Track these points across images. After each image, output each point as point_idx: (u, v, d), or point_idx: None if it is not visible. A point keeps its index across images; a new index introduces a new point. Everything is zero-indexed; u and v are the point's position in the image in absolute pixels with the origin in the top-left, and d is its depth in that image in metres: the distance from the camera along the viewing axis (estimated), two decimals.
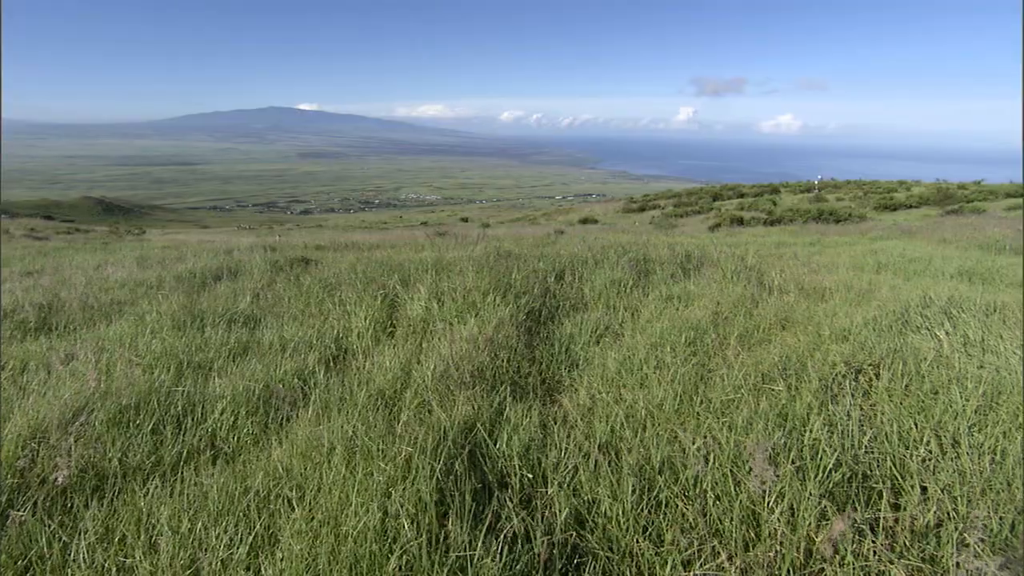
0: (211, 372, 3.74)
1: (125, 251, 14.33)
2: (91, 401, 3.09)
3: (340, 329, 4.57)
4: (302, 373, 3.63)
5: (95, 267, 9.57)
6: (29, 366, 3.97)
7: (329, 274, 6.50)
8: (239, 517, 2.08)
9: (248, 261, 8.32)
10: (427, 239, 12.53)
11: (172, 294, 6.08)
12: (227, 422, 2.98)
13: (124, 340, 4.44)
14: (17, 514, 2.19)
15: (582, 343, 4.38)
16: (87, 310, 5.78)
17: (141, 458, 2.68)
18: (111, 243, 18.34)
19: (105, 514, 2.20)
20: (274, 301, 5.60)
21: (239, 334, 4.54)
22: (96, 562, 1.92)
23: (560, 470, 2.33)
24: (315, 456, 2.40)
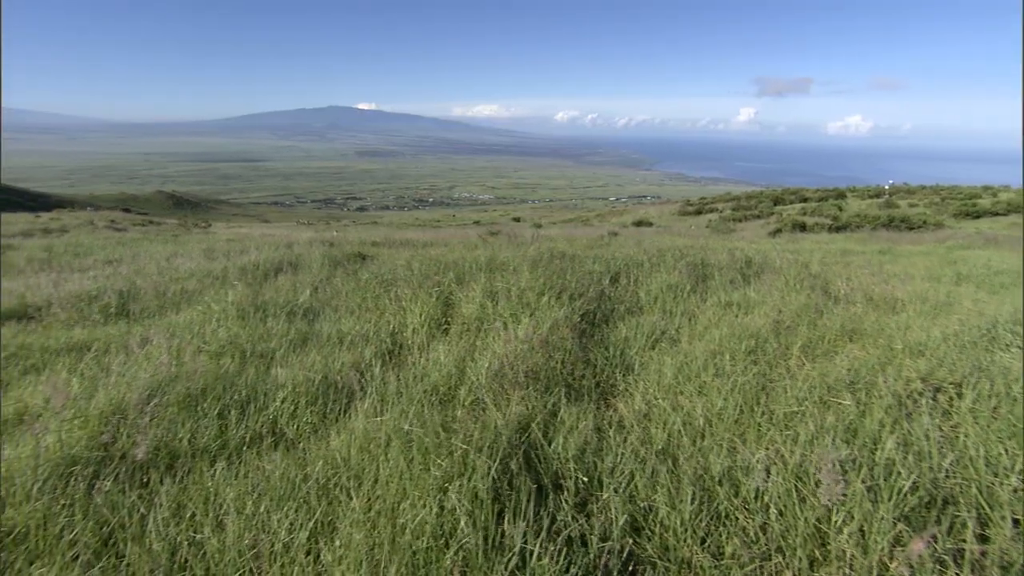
0: (272, 361, 3.90)
1: (193, 243, 15.12)
2: (164, 384, 3.27)
3: (396, 324, 4.67)
4: (359, 366, 3.73)
5: (166, 257, 10.14)
6: (111, 348, 4.24)
7: (385, 270, 6.65)
8: (300, 503, 2.16)
9: (307, 255, 8.62)
10: (480, 238, 12.64)
11: (237, 285, 6.36)
12: (288, 410, 3.10)
13: (193, 327, 4.68)
14: (102, 483, 2.35)
15: (637, 347, 4.32)
16: (160, 298, 6.13)
17: (208, 440, 2.82)
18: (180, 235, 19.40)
19: (177, 491, 2.33)
20: (332, 295, 5.78)
21: (299, 326, 4.71)
22: (169, 535, 2.04)
23: (616, 475, 2.30)
24: (372, 448, 2.45)
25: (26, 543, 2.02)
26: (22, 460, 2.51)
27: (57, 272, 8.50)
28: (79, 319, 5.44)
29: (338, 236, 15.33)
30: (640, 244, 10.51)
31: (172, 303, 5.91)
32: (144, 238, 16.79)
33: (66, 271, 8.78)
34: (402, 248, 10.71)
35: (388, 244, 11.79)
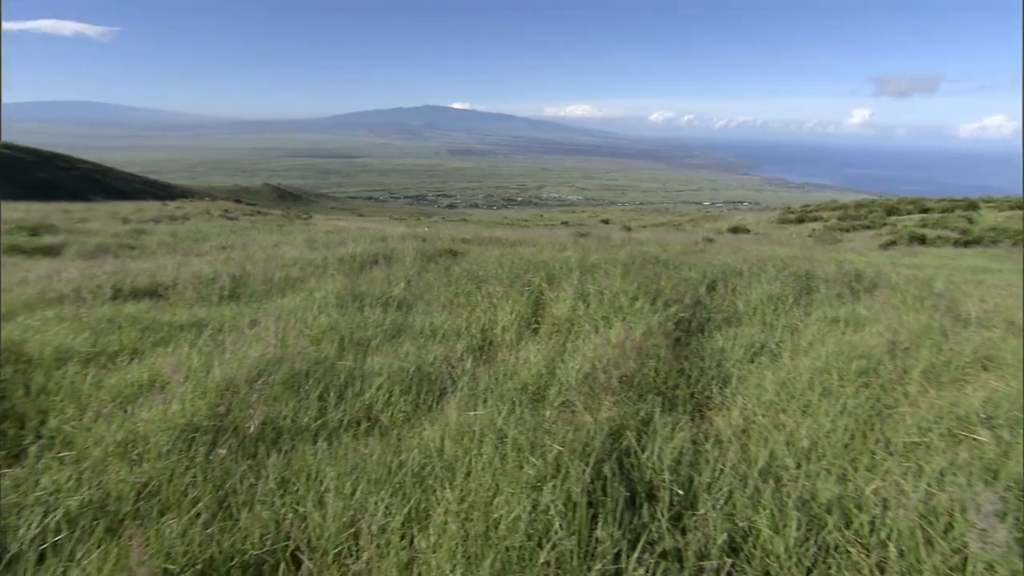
0: (368, 349, 4.08)
1: (295, 233, 16.17)
2: (271, 364, 3.51)
3: (486, 321, 4.75)
4: (450, 359, 3.83)
5: (272, 245, 10.90)
6: (224, 327, 4.62)
7: (476, 267, 6.78)
8: (395, 488, 2.24)
9: (401, 249, 8.96)
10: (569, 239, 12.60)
11: (336, 275, 6.72)
12: (383, 397, 3.23)
13: (296, 312, 5.00)
14: (218, 451, 2.57)
15: (735, 360, 4.13)
16: (267, 283, 6.60)
17: (309, 420, 2.99)
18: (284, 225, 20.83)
19: (282, 465, 2.50)
20: (425, 288, 5.97)
21: (393, 316, 4.90)
22: (275, 506, 2.18)
23: (713, 491, 2.21)
24: (466, 441, 2.51)
25: (158, 495, 2.24)
26: (153, 422, 2.78)
27: (181, 255, 9.38)
28: (198, 299, 5.96)
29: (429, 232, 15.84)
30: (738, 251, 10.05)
31: (277, 288, 6.34)
32: (253, 227, 18.17)
33: (188, 255, 9.67)
34: (491, 246, 10.88)
35: (478, 241, 12.02)
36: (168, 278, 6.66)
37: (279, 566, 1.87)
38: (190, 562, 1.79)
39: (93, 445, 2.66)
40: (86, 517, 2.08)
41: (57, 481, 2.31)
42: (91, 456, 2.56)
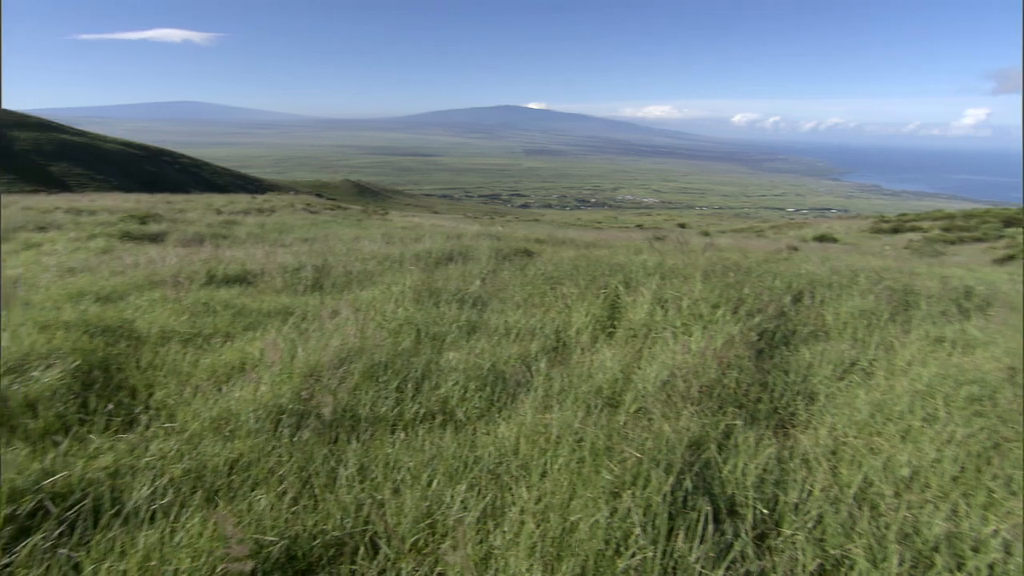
0: (444, 344, 4.17)
1: (373, 228, 16.77)
2: (351, 353, 3.66)
3: (560, 322, 4.74)
4: (525, 358, 3.84)
5: (352, 239, 11.36)
6: (308, 315, 4.86)
7: (551, 267, 6.78)
8: (471, 483, 2.28)
9: (475, 247, 9.10)
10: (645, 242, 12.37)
11: (413, 270, 6.91)
12: (457, 392, 3.29)
13: (375, 305, 5.18)
14: (302, 433, 2.70)
15: (822, 376, 3.91)
16: (347, 275, 6.88)
17: (386, 410, 3.09)
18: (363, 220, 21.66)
19: (361, 452, 2.59)
20: (500, 287, 6.03)
21: (468, 314, 4.98)
22: (354, 491, 2.27)
23: (801, 513, 2.10)
24: (542, 442, 2.51)
25: (248, 471, 2.39)
26: (244, 402, 2.97)
27: (268, 246, 9.96)
28: (284, 287, 6.30)
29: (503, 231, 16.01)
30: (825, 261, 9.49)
31: (357, 280, 6.60)
32: (333, 221, 19.01)
33: (274, 245, 10.25)
34: (565, 247, 10.86)
35: (552, 242, 12.03)
36: (257, 267, 7.08)
37: (358, 549, 1.95)
38: (278, 536, 1.89)
39: (192, 419, 2.87)
40: (187, 485, 2.25)
41: (163, 449, 2.51)
42: (190, 429, 2.76)
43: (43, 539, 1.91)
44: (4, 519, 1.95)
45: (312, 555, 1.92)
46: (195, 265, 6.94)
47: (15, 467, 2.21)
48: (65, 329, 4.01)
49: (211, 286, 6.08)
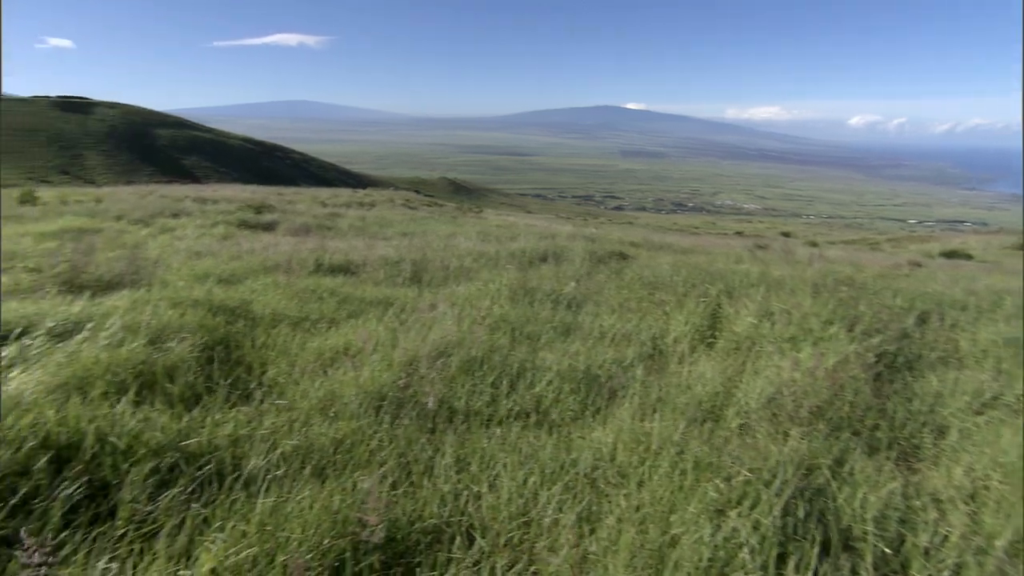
0: (538, 344, 4.19)
1: (468, 226, 17.19)
2: (449, 347, 3.77)
3: (657, 329, 4.63)
4: (620, 364, 3.79)
5: (448, 236, 11.69)
6: (406, 307, 5.06)
7: (648, 272, 6.64)
8: (566, 485, 2.28)
9: (569, 248, 9.08)
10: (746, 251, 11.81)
11: (509, 268, 7.01)
12: (552, 393, 3.30)
13: (471, 301, 5.31)
14: (403, 422, 2.83)
15: (955, 408, 3.55)
16: (443, 270, 7.09)
17: (481, 405, 3.16)
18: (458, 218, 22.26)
19: (456, 444, 2.67)
20: (595, 289, 5.98)
21: (563, 315, 4.98)
22: (451, 481, 2.34)
23: (933, 559, 1.91)
24: (640, 450, 2.47)
25: (351, 452, 2.53)
26: (347, 385, 3.15)
27: (369, 238, 10.48)
28: (384, 279, 6.60)
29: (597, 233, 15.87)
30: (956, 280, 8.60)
31: (453, 276, 6.79)
32: (430, 217, 19.67)
33: (375, 238, 10.76)
34: (662, 251, 10.59)
35: (647, 246, 11.77)
36: (359, 258, 7.47)
37: (455, 539, 2.01)
38: (379, 518, 1.98)
39: (300, 398, 3.08)
40: (297, 459, 2.42)
41: (275, 424, 2.71)
42: (299, 407, 2.97)
43: (179, 492, 2.12)
44: (150, 471, 2.19)
45: (410, 539, 2.00)
46: (303, 254, 7.43)
47: (159, 426, 2.48)
48: (193, 307, 4.44)
49: (318, 274, 6.49)
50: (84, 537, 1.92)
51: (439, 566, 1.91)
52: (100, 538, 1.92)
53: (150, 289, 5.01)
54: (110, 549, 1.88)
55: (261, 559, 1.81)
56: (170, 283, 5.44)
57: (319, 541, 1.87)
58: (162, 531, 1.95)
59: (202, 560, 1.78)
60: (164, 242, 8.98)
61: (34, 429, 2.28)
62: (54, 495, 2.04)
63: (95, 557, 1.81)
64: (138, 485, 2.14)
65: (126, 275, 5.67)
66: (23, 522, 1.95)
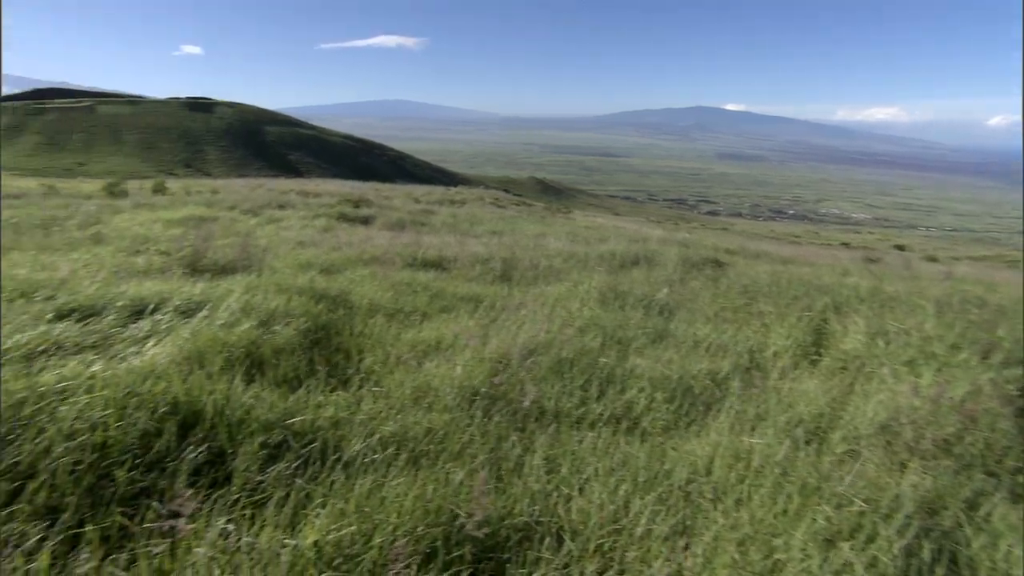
0: (629, 350, 4.12)
1: (557, 226, 17.17)
2: (540, 347, 3.79)
3: (756, 342, 4.42)
4: (715, 375, 3.65)
5: (536, 236, 11.74)
6: (496, 304, 5.13)
7: (746, 281, 6.35)
8: (660, 496, 2.23)
9: (661, 252, 8.86)
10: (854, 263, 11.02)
11: (600, 271, 6.94)
12: (644, 401, 3.23)
13: (560, 302, 5.30)
14: (495, 417, 2.88)
15: None
16: (532, 270, 7.13)
17: (571, 407, 3.15)
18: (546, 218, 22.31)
19: (547, 444, 2.68)
20: (689, 296, 5.80)
21: (655, 321, 4.87)
22: (541, 481, 2.35)
23: None
24: (740, 467, 2.37)
25: (444, 444, 2.60)
26: (440, 378, 3.24)
27: (460, 235, 10.72)
28: (475, 276, 6.73)
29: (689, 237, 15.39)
30: None
31: (542, 276, 6.81)
32: (519, 216, 19.85)
33: (466, 235, 11.00)
34: (760, 260, 10.10)
35: (744, 254, 11.27)
36: (451, 254, 7.66)
37: (544, 539, 2.01)
38: (469, 512, 2.03)
39: (395, 387, 3.20)
40: (392, 446, 2.52)
41: (372, 410, 2.84)
42: (394, 396, 3.09)
43: (285, 467, 2.27)
44: (260, 444, 2.36)
45: (499, 535, 2.03)
46: (398, 248, 7.72)
47: (268, 403, 2.67)
48: (298, 294, 4.72)
49: (412, 268, 6.72)
50: (204, 498, 2.10)
51: (528, 564, 1.92)
52: (218, 500, 2.09)
53: (259, 275, 5.39)
54: (226, 511, 2.04)
55: (358, 538, 1.90)
56: (277, 270, 5.83)
57: (413, 527, 1.93)
58: (270, 501, 2.09)
59: (307, 532, 1.89)
60: (271, 232, 9.64)
61: (165, 396, 2.52)
62: (181, 456, 2.25)
63: (215, 516, 1.97)
64: (250, 456, 2.31)
65: (238, 261, 6.13)
66: (157, 478, 2.17)
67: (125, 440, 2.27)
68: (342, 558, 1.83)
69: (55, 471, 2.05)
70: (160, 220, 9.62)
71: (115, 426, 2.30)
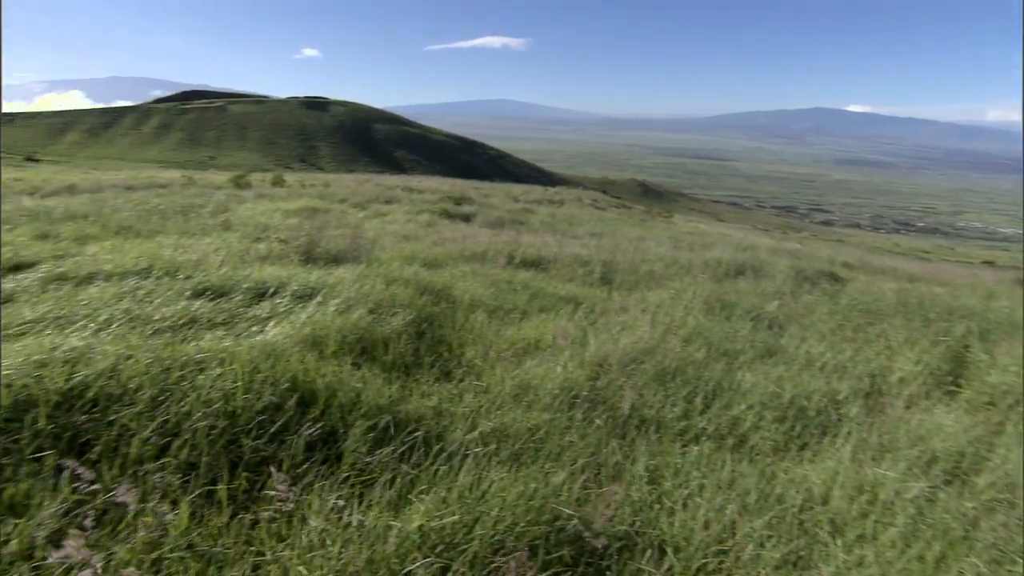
0: (735, 363, 3.94)
1: (658, 230, 16.76)
2: (641, 354, 3.71)
3: (878, 365, 4.07)
4: (832, 397, 3.41)
5: (636, 239, 11.52)
6: (595, 307, 5.09)
7: (868, 298, 5.89)
8: (771, 521, 2.11)
9: (770, 263, 8.40)
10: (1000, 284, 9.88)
11: (704, 278, 6.70)
12: (751, 418, 3.08)
13: (663, 308, 5.16)
14: (596, 421, 2.86)
15: None
16: (633, 274, 7.00)
17: (673, 418, 3.06)
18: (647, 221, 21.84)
19: (649, 454, 2.62)
20: (802, 311, 5.46)
21: (764, 335, 4.63)
22: (643, 491, 2.30)
23: None
24: (863, 500, 2.20)
25: (544, 443, 2.62)
26: (540, 377, 3.26)
27: (559, 236, 10.73)
28: (574, 277, 6.71)
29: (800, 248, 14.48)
30: None
31: (643, 281, 6.67)
32: (618, 218, 19.57)
33: (565, 236, 10.99)
34: (883, 276, 9.32)
35: (864, 268, 10.45)
36: (550, 254, 7.68)
37: (645, 551, 1.97)
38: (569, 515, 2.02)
39: (496, 383, 3.25)
40: (493, 441, 2.57)
41: (473, 404, 2.91)
42: (494, 391, 3.14)
43: (392, 452, 2.38)
44: (368, 427, 2.49)
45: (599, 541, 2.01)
46: (498, 246, 7.84)
47: (377, 389, 2.81)
48: (404, 286, 4.92)
49: (511, 266, 6.80)
50: (317, 474, 2.24)
51: (627, 575, 1.89)
52: (330, 477, 2.23)
53: (368, 266, 5.67)
54: (337, 488, 2.17)
55: (460, 528, 1.95)
56: (383, 262, 6.11)
57: (514, 523, 1.96)
58: (376, 483, 2.19)
59: (412, 517, 1.96)
60: (377, 225, 10.13)
61: (286, 374, 2.72)
62: (299, 432, 2.42)
63: (327, 492, 2.10)
64: (359, 438, 2.44)
65: (348, 251, 6.49)
66: (277, 449, 2.34)
67: (251, 411, 2.47)
68: (443, 545, 1.89)
69: (195, 432, 2.28)
70: (279, 210, 10.38)
71: (243, 398, 2.51)
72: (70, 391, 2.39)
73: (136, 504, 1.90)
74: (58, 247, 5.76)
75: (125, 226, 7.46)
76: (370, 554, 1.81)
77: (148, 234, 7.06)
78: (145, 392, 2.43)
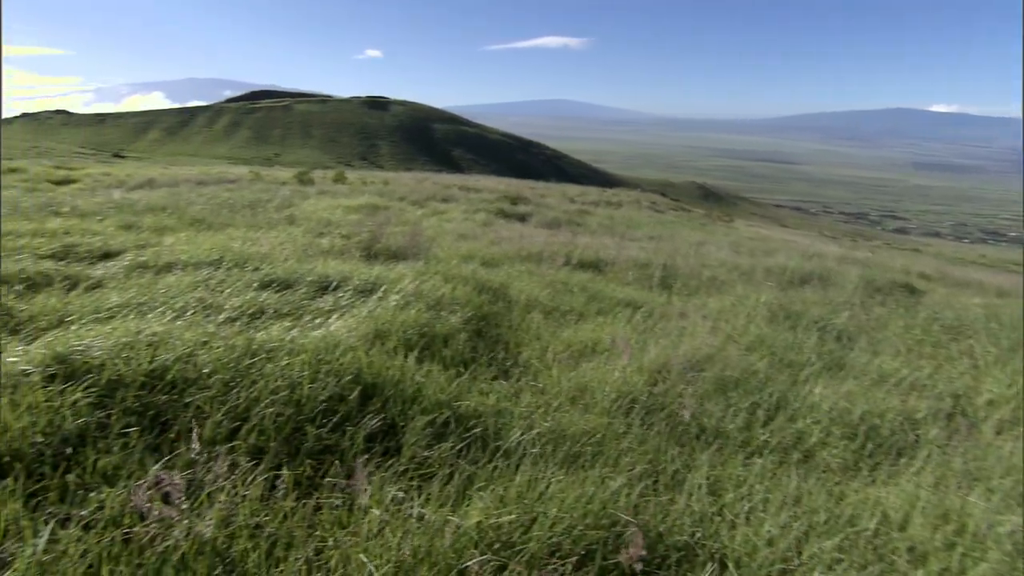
0: (799, 375, 3.79)
1: (718, 234, 16.33)
2: (702, 361, 3.63)
3: (962, 385, 3.84)
4: (909, 417, 3.24)
5: (696, 243, 11.26)
6: (654, 312, 5.01)
7: (950, 313, 5.55)
8: (841, 543, 2.03)
9: (839, 272, 8.05)
10: None
11: (766, 285, 6.49)
12: (818, 433, 2.96)
13: (724, 315, 5.03)
14: (654, 427, 2.82)
15: None
16: (694, 279, 6.85)
17: (734, 429, 2.98)
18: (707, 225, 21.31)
19: (709, 464, 2.56)
20: (873, 324, 5.20)
21: (831, 346, 4.44)
22: (703, 502, 2.25)
23: None
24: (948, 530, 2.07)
25: (601, 447, 2.60)
26: (598, 381, 3.23)
27: (617, 238, 10.61)
28: (631, 280, 6.62)
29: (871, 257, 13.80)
30: None
31: (704, 286, 6.52)
32: (677, 221, 19.19)
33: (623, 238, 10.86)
34: (966, 289, 8.76)
35: (944, 280, 9.86)
36: (608, 257, 7.61)
37: (705, 564, 1.92)
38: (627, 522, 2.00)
39: (552, 384, 3.25)
40: (549, 442, 2.57)
41: (531, 404, 2.92)
42: (551, 392, 3.14)
43: (450, 447, 2.42)
44: (428, 422, 2.54)
45: (657, 551, 1.98)
46: (555, 247, 7.83)
47: (436, 384, 2.86)
48: (462, 284, 4.98)
49: (568, 268, 6.78)
50: (377, 465, 2.30)
51: None
52: (389, 469, 2.28)
53: (427, 263, 5.77)
54: (396, 480, 2.22)
55: (517, 527, 1.96)
56: (442, 259, 6.20)
57: (572, 525, 1.95)
58: (435, 477, 2.23)
59: (470, 513, 1.99)
60: (435, 223, 10.28)
61: (350, 366, 2.81)
62: (361, 423, 2.49)
63: (387, 484, 2.15)
64: (419, 432, 2.49)
65: (407, 248, 6.62)
66: (340, 438, 2.42)
67: (315, 401, 2.56)
68: (500, 544, 1.90)
69: (263, 418, 2.38)
70: (341, 207, 10.70)
71: (308, 387, 2.60)
72: (152, 372, 2.55)
73: (211, 484, 2.01)
74: (140, 237, 6.14)
75: (198, 219, 7.87)
76: (428, 547, 1.84)
77: (219, 227, 7.41)
78: (218, 377, 2.56)
